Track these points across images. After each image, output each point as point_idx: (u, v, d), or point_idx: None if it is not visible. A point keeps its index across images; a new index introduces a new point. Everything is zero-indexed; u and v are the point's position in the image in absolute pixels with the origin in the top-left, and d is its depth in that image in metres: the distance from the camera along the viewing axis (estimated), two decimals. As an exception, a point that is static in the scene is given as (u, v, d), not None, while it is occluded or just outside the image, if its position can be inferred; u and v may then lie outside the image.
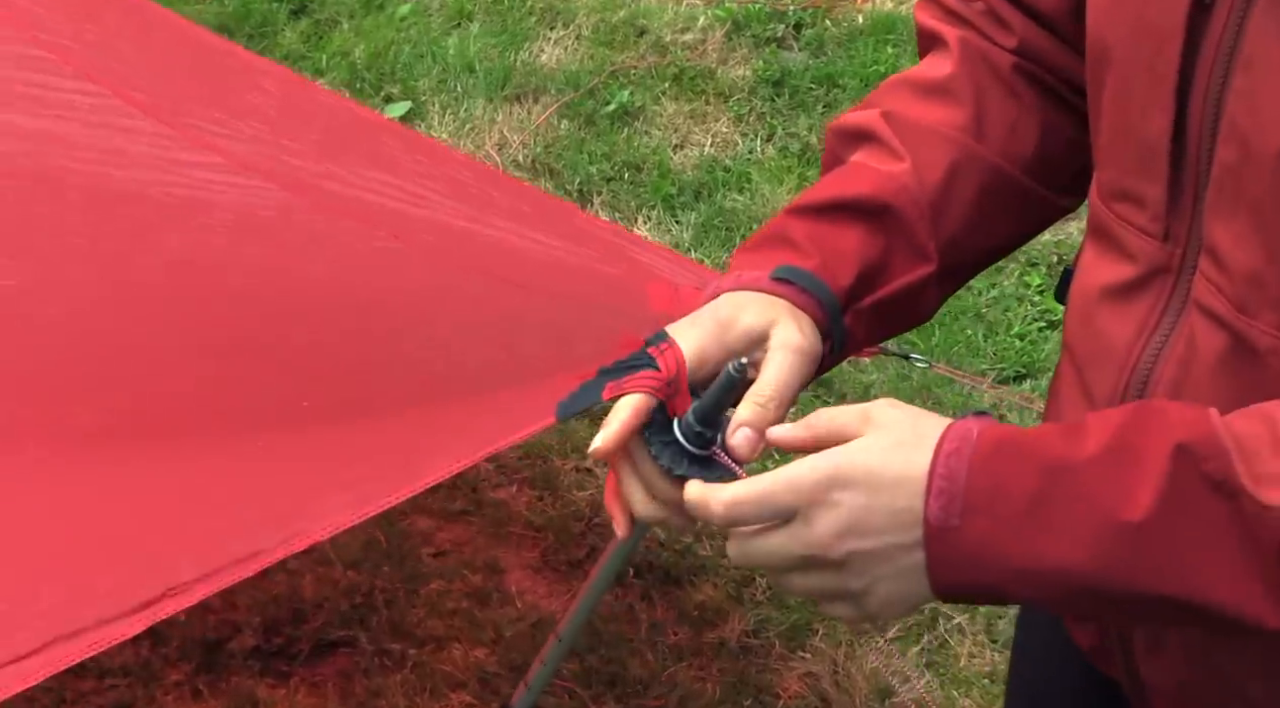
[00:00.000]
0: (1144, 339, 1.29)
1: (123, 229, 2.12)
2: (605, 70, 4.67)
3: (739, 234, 4.10)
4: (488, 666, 2.98)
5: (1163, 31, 1.21)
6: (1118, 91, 1.28)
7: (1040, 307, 3.95)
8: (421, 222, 2.45)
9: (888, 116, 1.45)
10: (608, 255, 2.70)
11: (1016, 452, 1.11)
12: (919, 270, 1.41)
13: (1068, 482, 1.09)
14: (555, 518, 3.32)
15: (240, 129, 2.48)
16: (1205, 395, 1.22)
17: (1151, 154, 1.25)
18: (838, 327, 1.36)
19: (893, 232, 1.40)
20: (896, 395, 3.62)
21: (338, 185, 2.44)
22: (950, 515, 1.10)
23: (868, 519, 1.13)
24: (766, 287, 1.34)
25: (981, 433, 1.13)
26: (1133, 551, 1.07)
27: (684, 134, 4.51)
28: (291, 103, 2.77)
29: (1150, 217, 1.27)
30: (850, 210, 1.40)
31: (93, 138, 2.27)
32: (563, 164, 4.34)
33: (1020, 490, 1.10)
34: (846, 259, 1.37)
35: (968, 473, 1.11)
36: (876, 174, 1.41)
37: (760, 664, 3.05)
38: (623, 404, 1.25)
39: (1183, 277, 1.26)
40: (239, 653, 2.96)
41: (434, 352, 2.09)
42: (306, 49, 4.75)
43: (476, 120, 4.49)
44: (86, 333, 1.87)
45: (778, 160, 4.41)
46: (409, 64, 4.68)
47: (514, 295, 2.30)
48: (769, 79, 4.66)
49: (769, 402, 1.26)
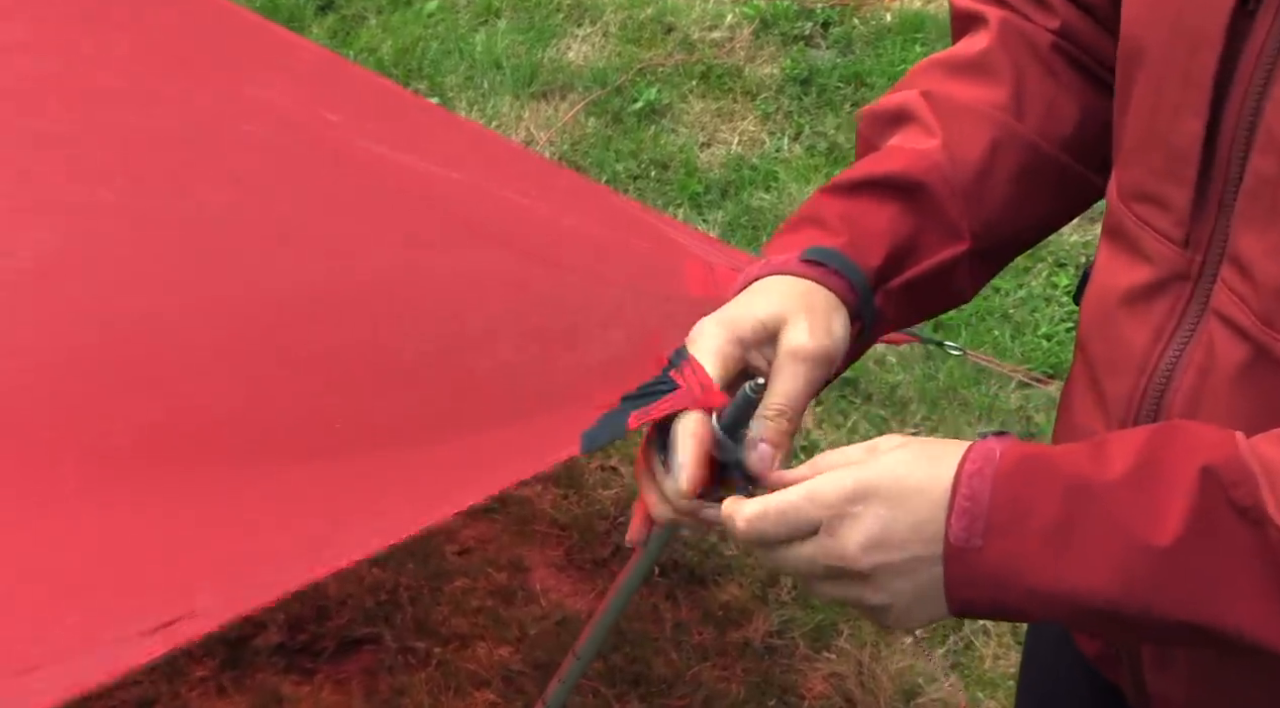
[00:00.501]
0: (1161, 345, 1.27)
1: (158, 178, 2.11)
2: (632, 68, 4.66)
3: (765, 232, 4.09)
4: (512, 664, 2.98)
5: (1202, 35, 1.19)
6: (1148, 92, 1.27)
7: (1068, 307, 3.93)
8: (457, 188, 2.43)
9: (927, 95, 1.43)
10: (642, 231, 2.69)
11: (1040, 471, 1.10)
12: (951, 249, 1.39)
13: (1092, 503, 1.08)
14: (580, 516, 3.32)
15: (275, 82, 2.48)
16: (1224, 405, 1.21)
17: (1180, 158, 1.23)
18: (868, 307, 1.34)
19: (924, 210, 1.38)
20: (923, 395, 3.63)
21: (374, 143, 2.43)
22: (973, 536, 1.10)
23: (891, 531, 1.12)
24: (795, 269, 1.32)
25: (1004, 452, 1.11)
26: (1157, 575, 1.06)
27: (711, 132, 4.51)
28: (326, 71, 2.76)
29: (1173, 221, 1.25)
30: (881, 187, 1.38)
31: (128, 73, 2.28)
32: (589, 162, 4.34)
33: (1044, 511, 1.08)
34: (877, 237, 1.36)
35: (991, 493, 1.10)
36: (910, 152, 1.40)
37: (785, 665, 3.05)
38: (685, 435, 1.24)
39: (1201, 284, 1.24)
40: (263, 650, 2.96)
41: (470, 358, 2.07)
42: (334, 45, 4.75)
43: (503, 117, 4.49)
44: (112, 325, 1.86)
45: (805, 159, 4.40)
46: (436, 60, 4.68)
47: (551, 279, 2.29)
48: (796, 77, 4.65)
49: (779, 415, 1.25)
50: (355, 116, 2.53)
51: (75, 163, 2.05)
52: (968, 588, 1.11)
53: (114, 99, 2.21)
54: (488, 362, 2.05)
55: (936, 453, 1.14)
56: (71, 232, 1.92)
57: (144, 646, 1.21)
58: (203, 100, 2.31)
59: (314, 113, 2.44)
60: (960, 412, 3.64)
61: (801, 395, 1.27)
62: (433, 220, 2.31)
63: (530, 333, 2.15)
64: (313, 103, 2.48)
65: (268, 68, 2.54)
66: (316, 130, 2.37)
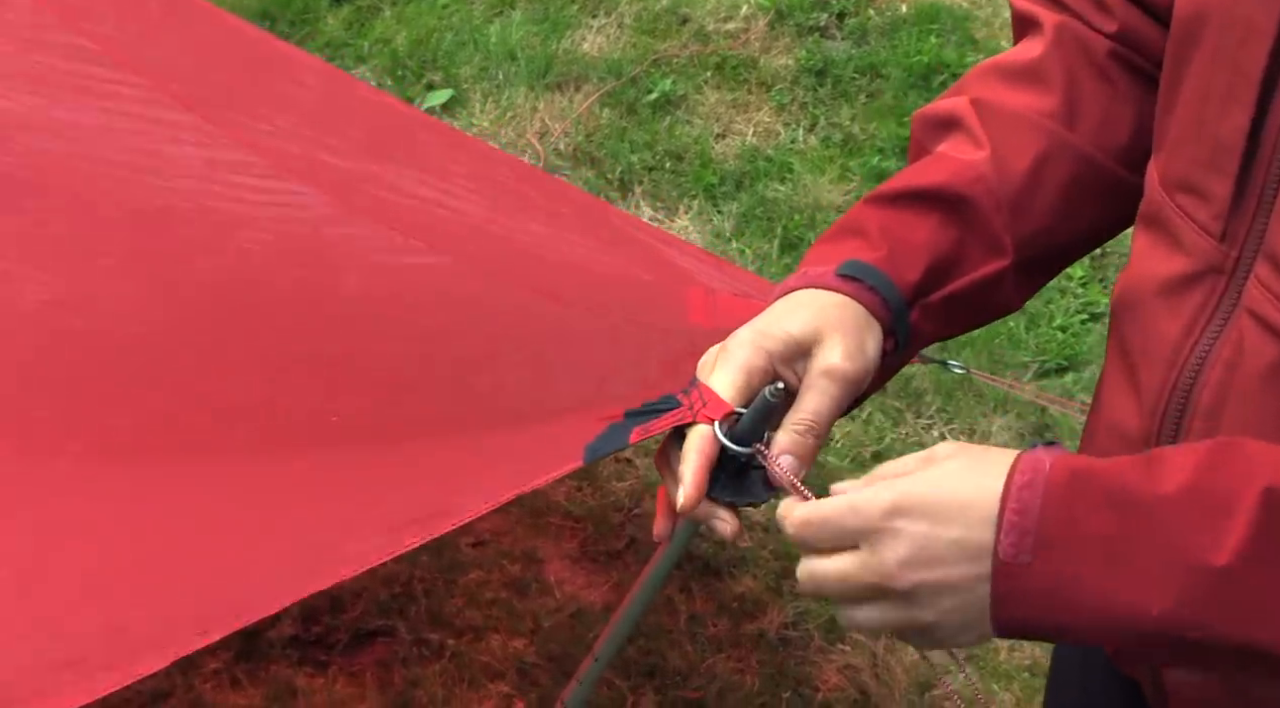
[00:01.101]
0: (1193, 339, 1.26)
1: (159, 249, 2.12)
2: (647, 59, 4.65)
3: (780, 224, 4.08)
4: (526, 656, 2.98)
5: (1254, 27, 1.18)
6: (1198, 83, 1.25)
7: (1083, 299, 3.92)
8: (459, 227, 2.44)
9: (976, 103, 1.42)
10: (645, 259, 2.69)
11: (1093, 485, 1.08)
12: (993, 264, 1.38)
13: (1147, 520, 1.06)
14: (595, 508, 3.31)
15: (280, 125, 2.48)
16: (1252, 403, 1.19)
17: (1224, 151, 1.22)
18: (902, 324, 1.33)
19: (967, 223, 1.37)
20: (938, 387, 3.61)
21: (376, 188, 2.44)
22: (1022, 551, 1.07)
23: (932, 548, 1.09)
24: (830, 283, 1.32)
25: (1054, 464, 1.09)
26: (1214, 595, 1.04)
27: (726, 123, 4.49)
28: (332, 98, 2.76)
29: (1212, 214, 1.23)
30: (924, 200, 1.37)
31: (134, 137, 2.27)
32: (604, 153, 4.33)
33: (1098, 527, 1.06)
34: (916, 251, 1.35)
35: (1041, 507, 1.07)
36: (955, 163, 1.39)
37: (799, 657, 3.04)
38: (690, 450, 1.24)
39: (1235, 279, 1.23)
40: (277, 642, 2.96)
41: (470, 376, 2.08)
42: (348, 36, 4.75)
43: (518, 108, 4.48)
44: (119, 350, 1.87)
45: (820, 150, 4.39)
46: (451, 52, 4.67)
47: (551, 312, 2.29)
48: (811, 68, 4.63)
49: (807, 431, 1.24)
50: (358, 154, 2.53)
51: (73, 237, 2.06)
52: (1016, 605, 1.09)
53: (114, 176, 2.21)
54: (487, 381, 2.06)
55: (985, 465, 1.12)
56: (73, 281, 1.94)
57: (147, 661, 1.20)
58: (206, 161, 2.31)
59: (316, 157, 2.44)
60: (975, 402, 3.63)
61: (830, 414, 1.26)
62: (438, 266, 2.31)
63: (530, 361, 2.16)
64: (316, 143, 2.49)
65: (272, 104, 2.54)
66: (319, 177, 2.37)
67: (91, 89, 2.27)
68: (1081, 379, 3.68)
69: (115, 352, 1.86)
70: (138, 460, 1.68)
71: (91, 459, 1.65)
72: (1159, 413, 1.29)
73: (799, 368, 1.28)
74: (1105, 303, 3.88)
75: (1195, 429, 1.26)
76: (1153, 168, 1.34)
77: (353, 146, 2.58)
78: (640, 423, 1.28)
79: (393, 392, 1.97)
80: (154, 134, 2.28)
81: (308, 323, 2.08)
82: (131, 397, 1.80)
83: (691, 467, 1.23)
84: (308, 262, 2.23)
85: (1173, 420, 1.28)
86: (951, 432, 3.56)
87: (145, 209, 2.15)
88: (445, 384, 2.02)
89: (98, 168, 2.18)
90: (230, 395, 1.85)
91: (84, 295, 1.93)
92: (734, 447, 1.24)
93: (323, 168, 2.44)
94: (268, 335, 2.00)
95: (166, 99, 2.32)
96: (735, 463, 1.25)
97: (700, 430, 1.24)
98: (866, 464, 3.45)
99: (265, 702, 2.86)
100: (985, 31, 4.79)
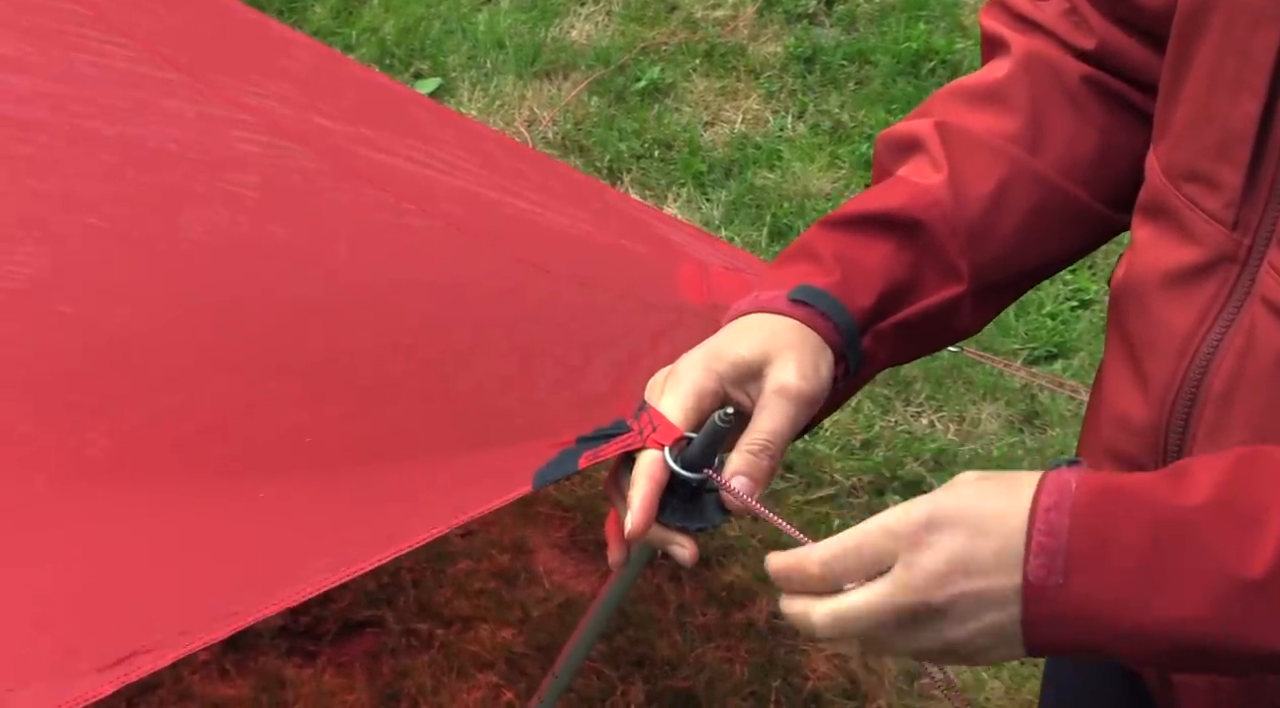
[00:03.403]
0: (1205, 329, 1.25)
1: (149, 200, 2.11)
2: (636, 47, 4.64)
3: (769, 212, 4.07)
4: (515, 646, 2.98)
5: (1264, 14, 1.17)
6: (1206, 70, 1.24)
7: (1072, 286, 3.92)
8: (450, 191, 2.43)
9: (940, 127, 1.41)
10: (636, 233, 2.68)
11: (1120, 502, 1.07)
12: (948, 290, 1.37)
13: (1179, 534, 1.04)
14: (584, 498, 3.31)
15: (271, 91, 2.47)
16: (1264, 392, 1.19)
17: (1234, 139, 1.21)
18: (853, 351, 1.32)
19: (922, 248, 1.36)
20: (927, 375, 3.61)
21: (368, 150, 2.43)
22: (1053, 574, 1.06)
23: (972, 559, 1.08)
24: (782, 308, 1.31)
25: (1080, 483, 1.08)
26: (1251, 607, 1.03)
27: (715, 111, 4.49)
28: (322, 71, 2.75)
29: (1223, 203, 1.23)
30: (878, 224, 1.36)
31: (126, 89, 2.26)
32: (593, 141, 4.32)
33: (1128, 545, 1.05)
34: (870, 276, 1.34)
35: (1070, 528, 1.06)
36: (912, 187, 1.38)
37: (789, 645, 3.04)
38: (639, 475, 1.23)
39: (1248, 267, 1.22)
40: (266, 633, 2.95)
41: (452, 373, 2.06)
42: (336, 25, 4.73)
43: (506, 97, 4.47)
44: (99, 339, 1.86)
45: (809, 137, 4.38)
46: (439, 40, 4.66)
47: (540, 284, 2.28)
48: (800, 56, 4.63)
49: (762, 451, 1.23)
50: (350, 119, 2.52)
51: (64, 187, 2.04)
52: (1050, 627, 1.07)
53: (108, 116, 2.20)
54: (468, 378, 2.05)
55: (1012, 485, 1.10)
56: (59, 254, 1.92)
57: (96, 684, 1.19)
58: (198, 115, 2.30)
59: (309, 119, 2.44)
60: (965, 390, 3.62)
61: (785, 434, 1.25)
62: (429, 230, 2.30)
63: (515, 350, 2.15)
64: (308, 108, 2.48)
65: (264, 72, 2.53)
66: (311, 139, 2.36)
67: (84, 47, 2.26)
68: (1071, 366, 3.68)
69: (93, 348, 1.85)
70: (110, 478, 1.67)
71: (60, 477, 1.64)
72: (1168, 404, 1.29)
73: (750, 390, 1.27)
74: (1095, 290, 3.88)
75: (1206, 418, 1.26)
76: (1153, 158, 1.33)
77: (344, 113, 2.57)
78: (590, 448, 1.28)
79: (371, 396, 1.96)
80: (147, 86, 2.28)
81: (293, 314, 2.06)
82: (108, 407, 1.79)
83: (640, 492, 1.22)
84: (296, 218, 2.22)
85: (1182, 410, 1.27)
86: (940, 419, 3.55)
87: (137, 149, 2.14)
88: (423, 386, 2.01)
89: (89, 109, 2.17)
90: (207, 406, 1.84)
91: (66, 275, 1.91)
92: (684, 472, 1.23)
93: (314, 129, 2.43)
94: (251, 330, 1.99)
95: (158, 59, 2.32)
96: (687, 488, 1.24)
97: (649, 455, 1.23)
98: (855, 452, 3.45)
99: (254, 692, 2.86)
100: (974, 18, 4.78)
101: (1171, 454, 1.29)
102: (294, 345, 2.00)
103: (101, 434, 1.72)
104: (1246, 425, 1.21)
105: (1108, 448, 1.39)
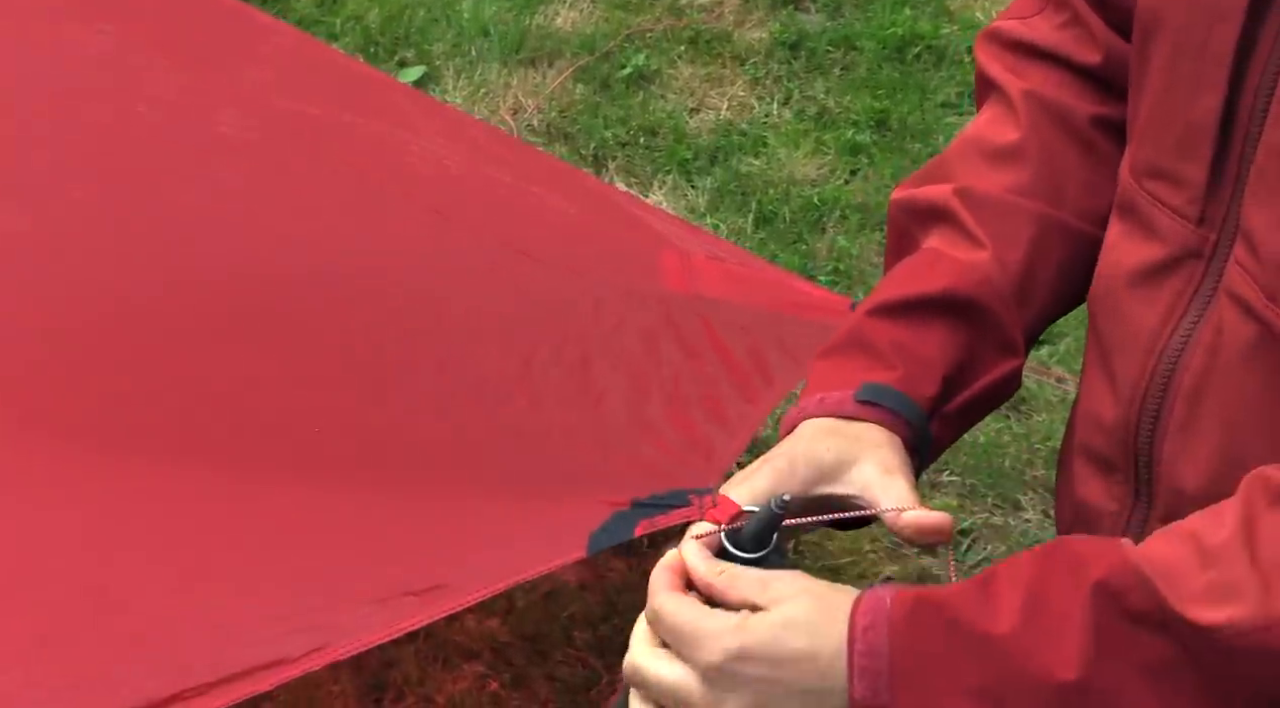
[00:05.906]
0: (1171, 325, 1.25)
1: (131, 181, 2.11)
2: (621, 34, 4.63)
3: (755, 198, 4.07)
4: (500, 635, 2.97)
5: (1221, 10, 1.17)
6: (1165, 68, 1.24)
7: (1058, 272, 3.91)
8: (438, 180, 2.43)
9: (963, 194, 1.40)
10: (620, 220, 2.68)
11: (934, 619, 1.08)
12: (1008, 363, 1.38)
13: (992, 652, 1.05)
14: (569, 487, 3.30)
15: (252, 77, 2.47)
16: (1233, 386, 1.18)
17: (1196, 135, 1.21)
18: (925, 440, 1.32)
19: (977, 327, 1.36)
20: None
21: (352, 137, 2.43)
22: (879, 692, 1.06)
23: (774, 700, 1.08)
24: (851, 411, 1.30)
25: (894, 602, 1.08)
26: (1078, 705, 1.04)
27: (700, 98, 4.48)
28: (303, 58, 2.76)
29: (1187, 199, 1.22)
30: (931, 308, 1.35)
31: (106, 70, 2.27)
32: (577, 128, 4.31)
33: (948, 662, 1.06)
34: (931, 365, 1.33)
35: (889, 649, 1.07)
36: (956, 265, 1.37)
37: (774, 634, 3.04)
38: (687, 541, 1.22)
39: (1214, 263, 1.21)
40: (251, 624, 2.95)
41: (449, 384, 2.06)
42: (320, 14, 4.72)
43: (491, 85, 4.46)
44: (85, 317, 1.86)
45: (794, 124, 4.37)
46: (423, 28, 4.65)
47: (529, 273, 2.28)
48: (786, 42, 4.62)
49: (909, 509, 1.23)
50: (335, 106, 2.52)
51: (48, 163, 2.04)
52: None
53: (92, 97, 2.20)
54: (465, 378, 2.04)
55: (827, 608, 1.10)
56: (39, 222, 1.92)
57: None
58: (182, 96, 2.30)
59: (293, 105, 2.43)
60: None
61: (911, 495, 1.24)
62: (411, 213, 2.30)
63: (509, 342, 2.15)
64: (292, 93, 2.48)
65: (246, 58, 2.53)
66: (295, 124, 2.36)
67: (65, 33, 2.27)
68: (1058, 352, 3.67)
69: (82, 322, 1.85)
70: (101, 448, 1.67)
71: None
72: (1137, 401, 1.29)
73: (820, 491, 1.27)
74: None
75: (1177, 415, 1.25)
76: (1125, 158, 1.33)
77: (326, 99, 2.57)
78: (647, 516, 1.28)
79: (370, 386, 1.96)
80: (128, 70, 2.28)
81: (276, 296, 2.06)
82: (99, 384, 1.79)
83: (690, 549, 1.20)
84: (282, 203, 2.22)
85: (1152, 408, 1.27)
86: (927, 406, 3.55)
87: (117, 131, 2.14)
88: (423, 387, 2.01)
89: (75, 84, 2.18)
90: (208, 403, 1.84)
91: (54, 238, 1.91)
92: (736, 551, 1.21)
93: (296, 115, 2.43)
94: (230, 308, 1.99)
95: (137, 41, 2.32)
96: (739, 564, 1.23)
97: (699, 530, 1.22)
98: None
99: (239, 684, 2.85)
100: (960, 2, 4.78)
101: (1142, 452, 1.29)
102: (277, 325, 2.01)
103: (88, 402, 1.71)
104: (1217, 421, 1.21)
105: (1082, 446, 1.39)
